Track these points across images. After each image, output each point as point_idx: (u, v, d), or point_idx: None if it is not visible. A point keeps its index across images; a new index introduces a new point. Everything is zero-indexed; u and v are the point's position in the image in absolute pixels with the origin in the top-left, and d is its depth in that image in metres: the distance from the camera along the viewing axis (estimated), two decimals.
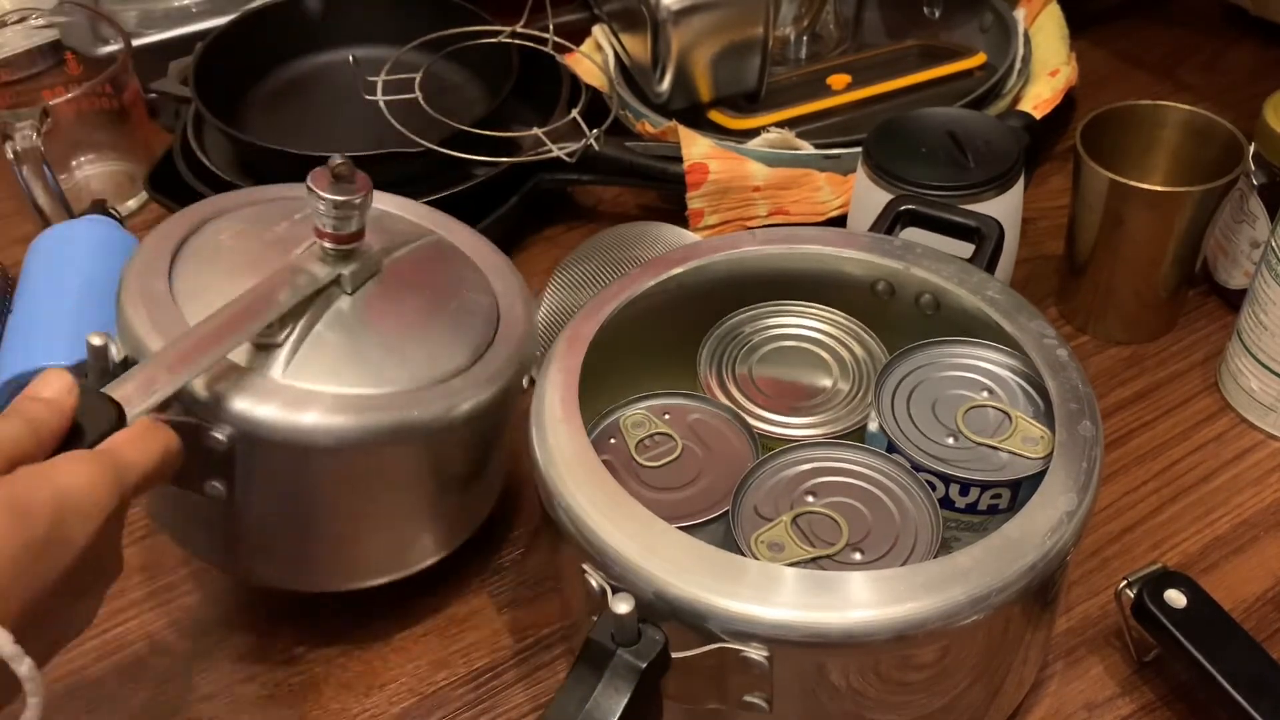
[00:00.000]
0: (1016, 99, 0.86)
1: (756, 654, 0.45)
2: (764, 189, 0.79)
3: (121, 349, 0.51)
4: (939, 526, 0.50)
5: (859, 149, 0.71)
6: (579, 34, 0.91)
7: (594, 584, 0.48)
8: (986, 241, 0.60)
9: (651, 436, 0.55)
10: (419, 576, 0.60)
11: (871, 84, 0.88)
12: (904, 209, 0.62)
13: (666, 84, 0.83)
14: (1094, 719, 0.57)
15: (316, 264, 0.55)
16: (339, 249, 0.55)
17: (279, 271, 0.54)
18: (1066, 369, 0.53)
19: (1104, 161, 0.69)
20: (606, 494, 0.49)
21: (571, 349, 0.55)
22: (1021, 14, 0.90)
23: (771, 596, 0.45)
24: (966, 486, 0.52)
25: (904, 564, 0.49)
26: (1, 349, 0.70)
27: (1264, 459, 0.68)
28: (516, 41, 0.84)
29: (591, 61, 0.88)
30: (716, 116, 0.85)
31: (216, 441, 0.51)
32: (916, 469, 0.52)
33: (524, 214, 0.82)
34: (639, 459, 0.55)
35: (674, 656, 0.46)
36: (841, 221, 0.76)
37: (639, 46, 0.84)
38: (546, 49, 0.85)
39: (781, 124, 0.82)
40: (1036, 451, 0.53)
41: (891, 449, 0.54)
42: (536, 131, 0.78)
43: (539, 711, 0.58)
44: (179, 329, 0.52)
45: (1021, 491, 0.52)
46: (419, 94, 0.79)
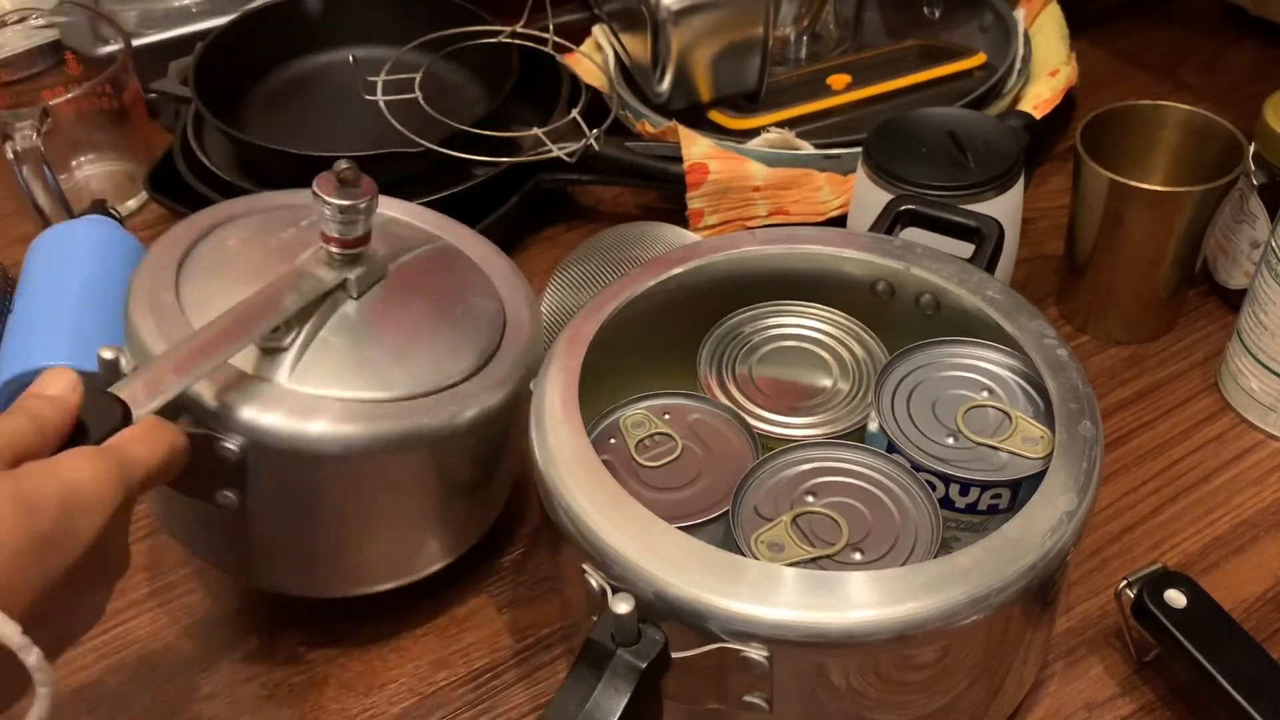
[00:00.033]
0: (1016, 99, 0.86)
1: (756, 654, 0.45)
2: (764, 189, 0.79)
3: (132, 361, 0.52)
4: (939, 526, 0.50)
5: (859, 149, 0.71)
6: (579, 34, 0.91)
7: (594, 584, 0.48)
8: (986, 241, 0.60)
9: (651, 436, 0.55)
10: (420, 578, 0.59)
11: (871, 84, 0.88)
12: (904, 209, 0.62)
13: (666, 84, 0.83)
14: (1094, 719, 0.57)
15: (322, 268, 0.55)
16: (345, 253, 0.55)
17: (285, 275, 0.54)
18: (1066, 369, 0.53)
19: (1104, 161, 0.69)
20: (606, 494, 0.49)
21: (571, 349, 0.55)
22: (1021, 14, 0.90)
23: (771, 596, 0.45)
24: (966, 486, 0.52)
25: (904, 564, 0.49)
26: (1, 349, 0.70)
27: (1264, 459, 0.68)
28: (516, 41, 0.84)
29: (591, 61, 0.88)
30: (716, 116, 0.85)
31: (228, 451, 0.51)
32: (916, 469, 0.52)
33: (524, 214, 0.82)
34: (639, 459, 0.55)
35: (674, 656, 0.46)
36: (841, 221, 0.76)
37: (639, 46, 0.84)
38: (546, 49, 0.85)
39: (781, 124, 0.82)
40: (1036, 451, 0.53)
41: (891, 449, 0.54)
42: (536, 131, 0.78)
43: (539, 711, 0.58)
44: None
45: (1021, 491, 0.52)
46: (419, 94, 0.79)
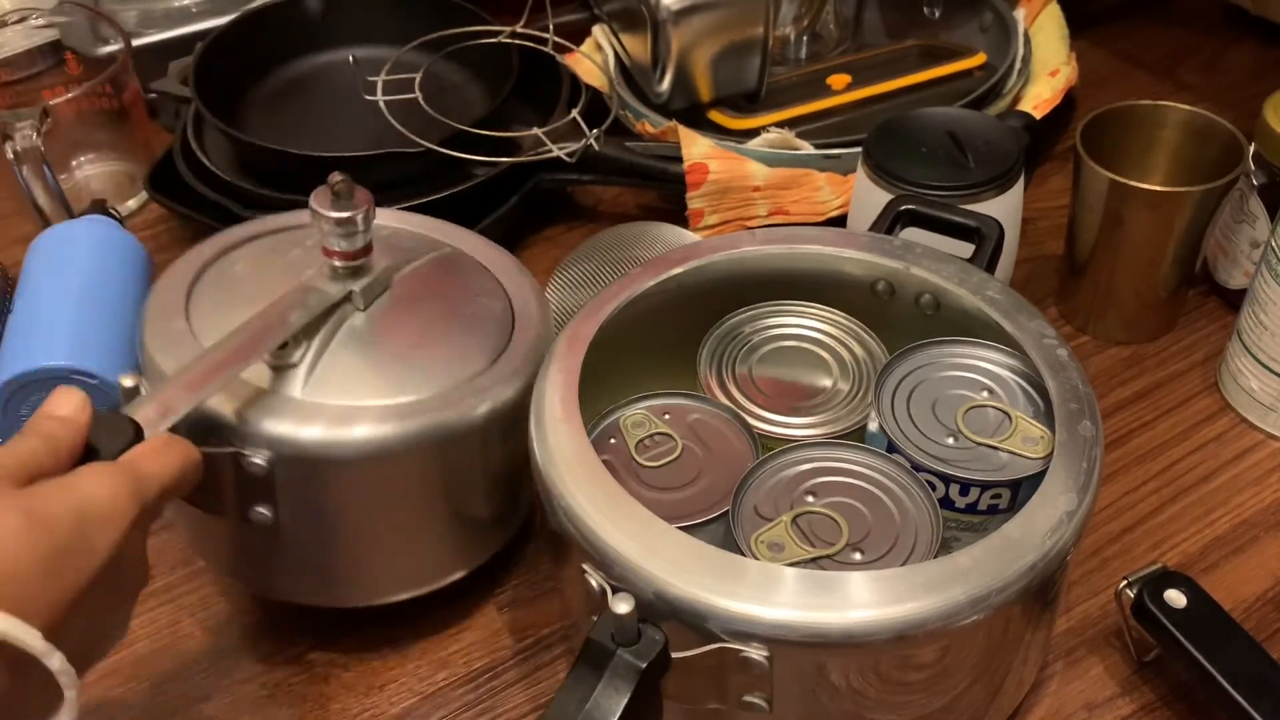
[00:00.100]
0: (1016, 99, 0.86)
1: (756, 654, 0.45)
2: (764, 189, 0.79)
3: (150, 389, 0.53)
4: (939, 526, 0.50)
5: (859, 149, 0.71)
6: (579, 34, 0.91)
7: (594, 584, 0.48)
8: (986, 241, 0.60)
9: (651, 436, 0.55)
10: (441, 586, 0.60)
11: (871, 84, 0.88)
12: (904, 209, 0.62)
13: (666, 84, 0.83)
14: (1094, 719, 0.57)
15: (327, 282, 0.56)
16: (348, 266, 0.56)
17: (290, 292, 0.55)
18: (1066, 369, 0.53)
19: (1104, 161, 0.69)
20: (606, 494, 0.49)
21: (571, 349, 0.55)
22: (1021, 14, 0.90)
23: (771, 596, 0.45)
24: (966, 486, 0.52)
25: (904, 564, 0.49)
26: (1, 349, 0.70)
27: (1264, 459, 0.68)
28: (516, 41, 0.84)
29: (591, 61, 0.88)
30: (716, 116, 0.85)
31: (256, 467, 0.52)
32: (916, 469, 0.52)
33: (524, 214, 0.82)
34: (639, 459, 0.55)
35: (674, 656, 0.46)
36: (841, 221, 0.76)
37: (639, 46, 0.84)
38: (546, 49, 0.85)
39: (781, 124, 0.82)
40: (1036, 451, 0.53)
41: (891, 449, 0.54)
42: (536, 131, 0.78)
43: (539, 711, 0.58)
44: None
45: (1021, 491, 0.52)
46: (419, 94, 0.79)
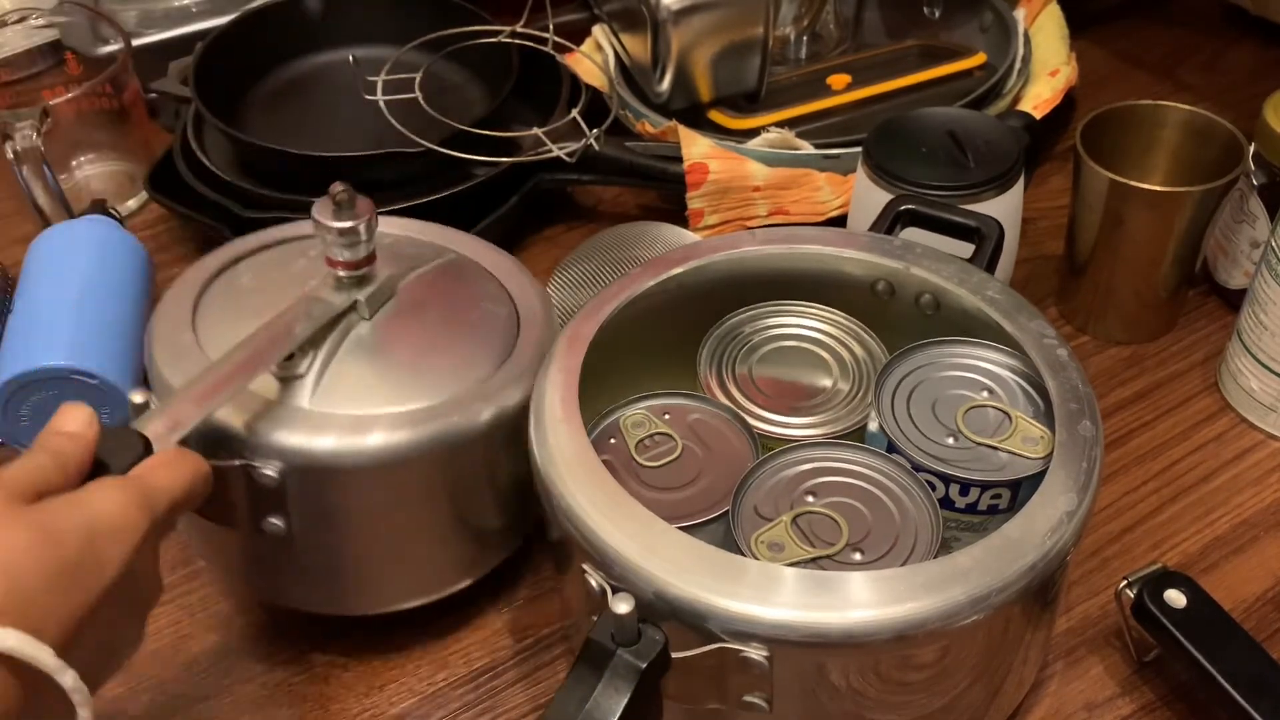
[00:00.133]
0: (1016, 99, 0.86)
1: (756, 654, 0.45)
2: (764, 189, 0.79)
3: (159, 403, 0.53)
4: (939, 526, 0.50)
5: (859, 149, 0.71)
6: (579, 34, 0.91)
7: (594, 584, 0.48)
8: (986, 241, 0.60)
9: (651, 436, 0.55)
10: (451, 593, 0.60)
11: (871, 84, 0.88)
12: (904, 209, 0.62)
13: (666, 84, 0.83)
14: (1094, 719, 0.57)
15: (331, 292, 0.56)
16: (352, 275, 0.56)
17: (295, 303, 0.55)
18: (1066, 369, 0.53)
19: (1104, 161, 0.69)
20: (606, 494, 0.49)
21: (571, 349, 0.55)
22: (1021, 14, 0.90)
23: (771, 597, 0.45)
24: (966, 486, 0.52)
25: (904, 564, 0.49)
26: (1, 349, 0.70)
27: (1264, 459, 0.68)
28: (516, 41, 0.84)
29: (591, 61, 0.88)
30: (716, 116, 0.85)
31: (267, 478, 0.52)
32: (916, 469, 0.52)
33: (524, 214, 0.82)
34: (639, 459, 0.55)
35: (674, 656, 0.46)
36: (841, 221, 0.76)
37: (639, 46, 0.84)
38: (546, 49, 0.85)
39: (781, 124, 0.82)
40: (1036, 451, 0.53)
41: (891, 449, 0.54)
42: (536, 131, 0.78)
43: (539, 711, 0.58)
44: None
45: (1021, 491, 0.52)
46: (419, 94, 0.79)
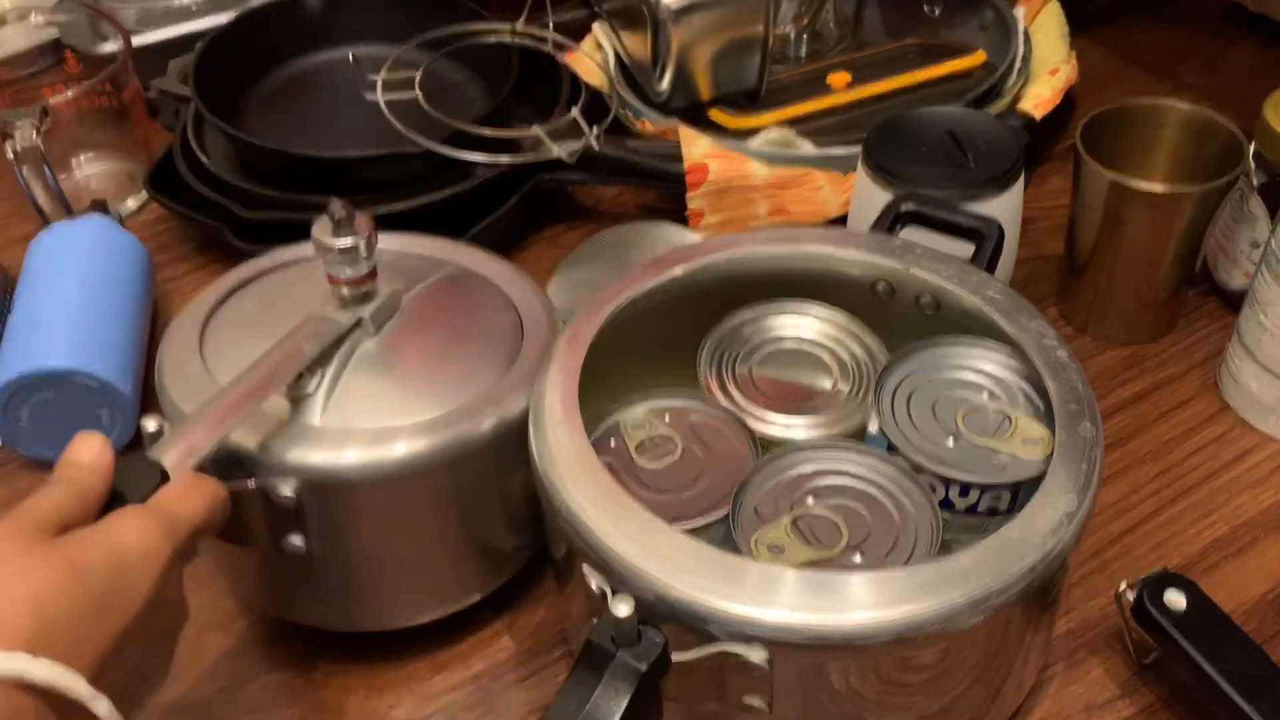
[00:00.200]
0: (1016, 98, 0.86)
1: (756, 656, 0.45)
2: (764, 189, 0.78)
3: (173, 430, 0.53)
4: (939, 528, 0.50)
5: (859, 148, 0.71)
6: (579, 33, 0.90)
7: (594, 585, 0.48)
8: (986, 241, 0.60)
9: (652, 438, 0.55)
10: (462, 607, 0.60)
11: (871, 83, 0.88)
12: (904, 209, 0.62)
13: (666, 83, 0.83)
14: None
15: (336, 311, 0.57)
16: (355, 292, 0.56)
17: (302, 323, 0.55)
18: (1066, 370, 0.53)
19: (1104, 161, 0.69)
20: (606, 495, 0.49)
21: (571, 349, 0.55)
22: (1021, 12, 0.90)
23: (771, 598, 0.45)
24: (966, 488, 0.52)
25: (904, 566, 0.49)
26: (1, 349, 0.70)
27: (1264, 460, 0.68)
28: (516, 40, 0.84)
29: (591, 60, 0.88)
30: (716, 116, 0.85)
31: (284, 498, 0.53)
32: (917, 470, 0.52)
33: (524, 214, 0.82)
34: (639, 460, 0.54)
35: (674, 658, 0.46)
36: (841, 221, 0.76)
37: (639, 45, 0.84)
38: (546, 48, 0.84)
39: (782, 123, 0.82)
40: (1036, 453, 0.53)
41: (891, 450, 0.53)
42: (536, 131, 0.78)
43: (539, 713, 0.58)
44: None
45: (1022, 493, 0.52)
46: (419, 93, 0.79)
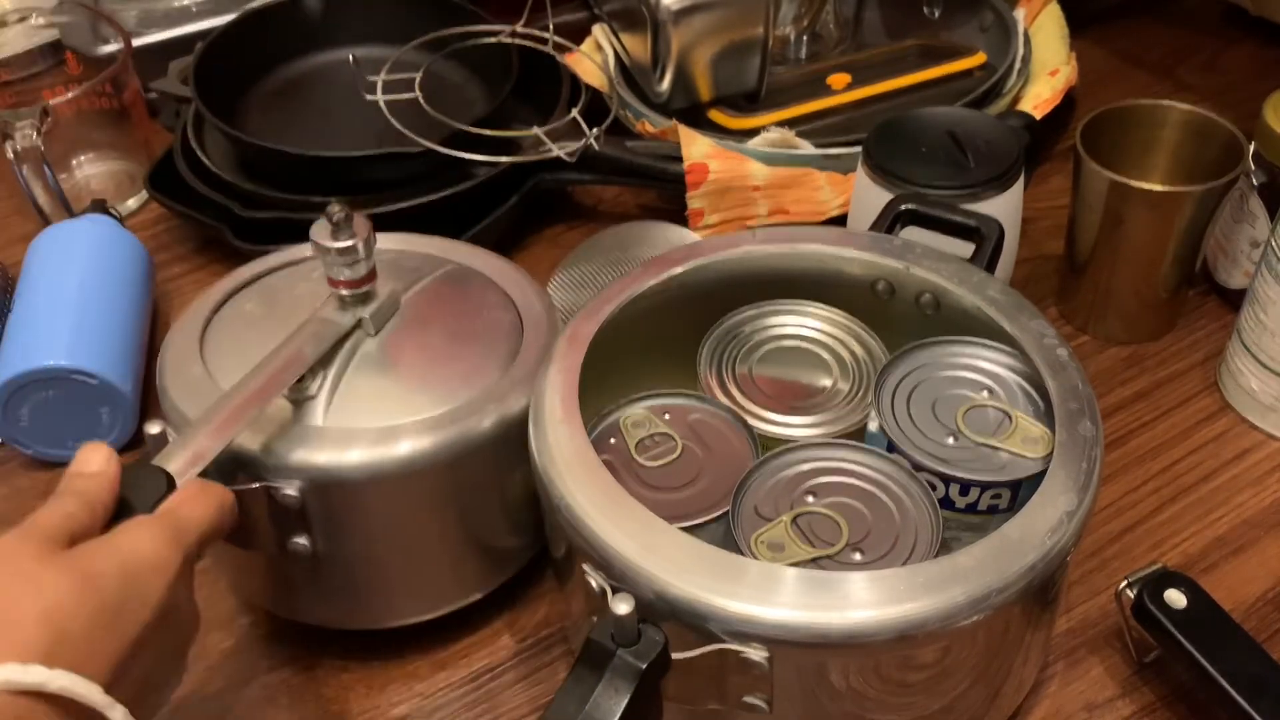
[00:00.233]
0: (1016, 99, 0.86)
1: (756, 654, 0.45)
2: (764, 189, 0.79)
3: (175, 435, 0.53)
4: (939, 526, 0.50)
5: (859, 149, 0.71)
6: (579, 34, 0.91)
7: (594, 584, 0.48)
8: (986, 241, 0.60)
9: (651, 436, 0.55)
10: (465, 604, 0.60)
11: (871, 84, 0.88)
12: (904, 209, 0.62)
13: (666, 84, 0.83)
14: (1094, 719, 0.57)
15: (336, 313, 0.57)
16: (355, 293, 0.56)
17: (302, 326, 0.56)
18: (1066, 369, 0.53)
19: (1104, 161, 0.69)
20: (606, 494, 0.49)
21: (571, 349, 0.55)
22: (1021, 13, 0.90)
23: (771, 597, 0.45)
24: (966, 486, 0.52)
25: (904, 564, 0.49)
26: (2, 348, 0.70)
27: (1264, 459, 0.68)
28: (516, 41, 0.84)
29: (591, 61, 0.88)
30: (716, 116, 0.85)
31: (289, 498, 0.53)
32: (917, 469, 0.52)
33: (524, 214, 0.82)
34: (639, 459, 0.54)
35: (674, 657, 0.46)
36: (841, 221, 0.76)
37: (639, 46, 0.84)
38: (546, 49, 0.85)
39: (781, 123, 0.82)
40: (1036, 451, 0.53)
41: (891, 449, 0.53)
42: (536, 131, 0.78)
43: (539, 712, 0.58)
44: None
45: (1021, 491, 0.52)
46: (419, 94, 0.79)
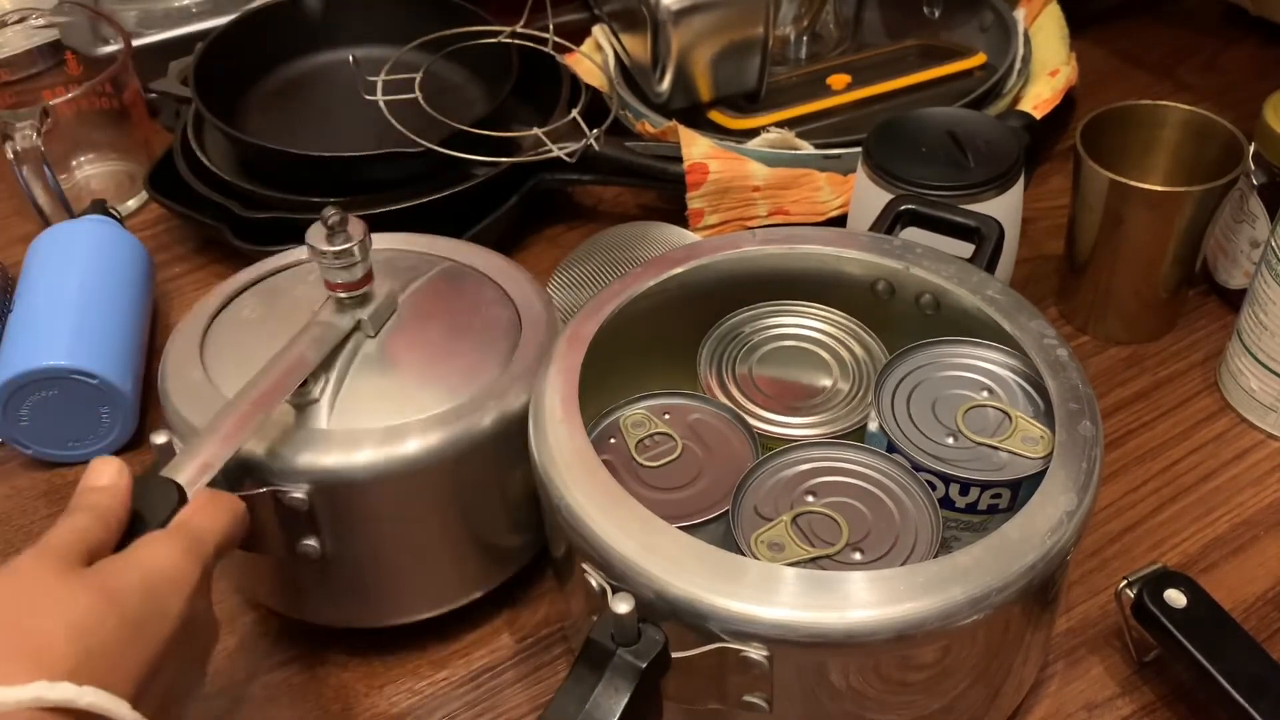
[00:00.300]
0: (1016, 99, 0.86)
1: (756, 654, 0.45)
2: (764, 189, 0.79)
3: (180, 443, 0.53)
4: (939, 526, 0.50)
5: (859, 149, 0.71)
6: (579, 34, 0.91)
7: (594, 584, 0.48)
8: (986, 241, 0.60)
9: (651, 436, 0.55)
10: (469, 601, 0.61)
11: (871, 84, 0.88)
12: (904, 209, 0.62)
13: (666, 84, 0.83)
14: (1094, 719, 0.57)
15: (335, 315, 0.57)
16: (352, 296, 0.57)
17: (302, 331, 0.56)
18: (1066, 369, 0.53)
19: (1104, 161, 0.69)
20: (606, 494, 0.49)
21: (571, 349, 0.55)
22: (1021, 14, 0.90)
23: (771, 596, 0.45)
24: (966, 486, 0.52)
25: (904, 564, 0.49)
26: (2, 348, 0.70)
27: (1264, 459, 0.68)
28: (516, 41, 0.84)
29: (591, 61, 0.88)
30: (716, 116, 0.85)
31: (297, 501, 0.53)
32: (916, 469, 0.52)
33: (524, 214, 0.82)
34: (639, 459, 0.55)
35: (674, 656, 0.46)
36: (841, 221, 0.76)
37: (639, 46, 0.84)
38: (546, 49, 0.85)
39: (781, 124, 0.82)
40: (1036, 451, 0.53)
41: (891, 449, 0.54)
42: (536, 131, 0.78)
43: (539, 712, 0.58)
44: None
45: (1021, 491, 0.52)
46: (419, 94, 0.79)
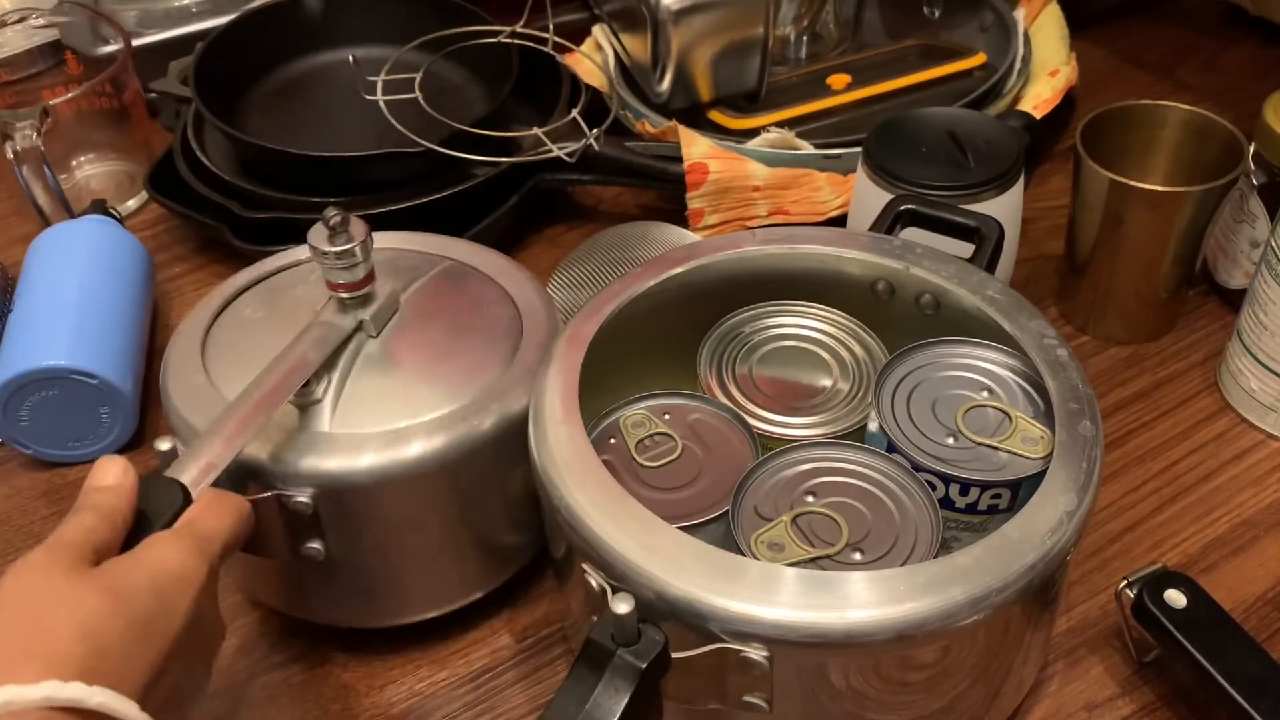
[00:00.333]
0: (1016, 99, 0.86)
1: (756, 654, 0.45)
2: (764, 189, 0.79)
3: (184, 447, 0.53)
4: (939, 526, 0.50)
5: (859, 149, 0.71)
6: (579, 34, 0.91)
7: (594, 584, 0.48)
8: (986, 241, 0.60)
9: (651, 436, 0.55)
10: (471, 601, 0.61)
11: (871, 84, 0.88)
12: (904, 209, 0.62)
13: (666, 84, 0.83)
14: (1094, 719, 0.57)
15: (337, 316, 0.57)
16: (354, 296, 0.57)
17: (304, 332, 0.56)
18: (1066, 369, 0.53)
19: (1104, 161, 0.69)
20: (606, 494, 0.49)
21: (571, 349, 0.55)
22: (1021, 14, 0.90)
23: (771, 597, 0.45)
24: (966, 486, 0.52)
25: (904, 564, 0.49)
26: (2, 349, 0.70)
27: (1264, 459, 0.68)
28: (516, 41, 0.84)
29: (591, 61, 0.88)
30: (716, 116, 0.85)
31: (301, 505, 0.53)
32: (916, 469, 0.52)
33: (524, 214, 0.82)
34: (639, 459, 0.55)
35: (674, 656, 0.46)
36: (841, 221, 0.76)
37: (639, 46, 0.84)
38: (546, 49, 0.85)
39: (781, 124, 0.82)
40: (1036, 451, 0.53)
41: (891, 449, 0.54)
42: (536, 131, 0.78)
43: (539, 711, 0.58)
44: None
45: (1021, 491, 0.52)
46: (419, 94, 0.79)
